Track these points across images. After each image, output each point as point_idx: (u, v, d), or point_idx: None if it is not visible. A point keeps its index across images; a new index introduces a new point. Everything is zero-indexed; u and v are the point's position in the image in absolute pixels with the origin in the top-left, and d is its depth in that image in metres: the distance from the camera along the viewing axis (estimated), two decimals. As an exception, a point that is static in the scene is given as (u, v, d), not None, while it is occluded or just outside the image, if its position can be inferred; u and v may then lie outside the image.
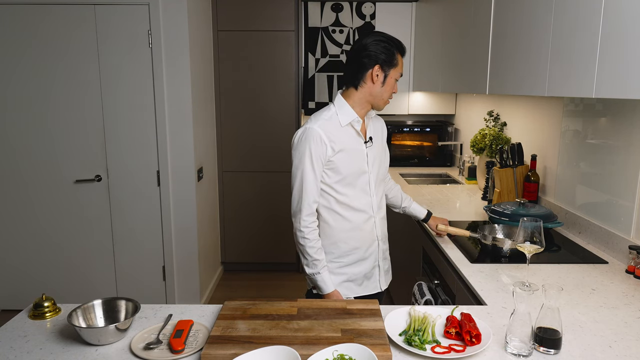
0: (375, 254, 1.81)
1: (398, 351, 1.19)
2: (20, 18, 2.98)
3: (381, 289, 1.86)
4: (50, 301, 1.41)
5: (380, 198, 1.83)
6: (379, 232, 1.81)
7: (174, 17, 3.02)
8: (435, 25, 3.39)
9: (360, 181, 1.72)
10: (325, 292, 1.69)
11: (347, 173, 1.68)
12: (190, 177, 3.23)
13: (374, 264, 1.82)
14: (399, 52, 1.69)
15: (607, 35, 1.40)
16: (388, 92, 1.70)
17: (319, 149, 1.63)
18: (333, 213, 1.71)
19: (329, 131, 1.65)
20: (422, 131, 4.07)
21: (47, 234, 3.23)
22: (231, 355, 1.14)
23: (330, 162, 1.66)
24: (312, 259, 1.67)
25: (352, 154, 1.69)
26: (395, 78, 1.70)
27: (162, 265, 3.29)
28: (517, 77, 2.00)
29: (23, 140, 3.13)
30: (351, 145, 1.69)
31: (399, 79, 1.73)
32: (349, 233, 1.74)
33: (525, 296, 1.16)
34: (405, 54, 1.73)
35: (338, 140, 1.66)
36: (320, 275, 1.68)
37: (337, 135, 1.66)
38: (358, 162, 1.71)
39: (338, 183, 1.68)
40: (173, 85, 3.10)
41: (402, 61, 1.71)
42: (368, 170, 1.73)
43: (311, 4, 3.99)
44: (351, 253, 1.76)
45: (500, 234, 1.96)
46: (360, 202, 1.73)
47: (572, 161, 2.22)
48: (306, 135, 1.64)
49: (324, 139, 1.63)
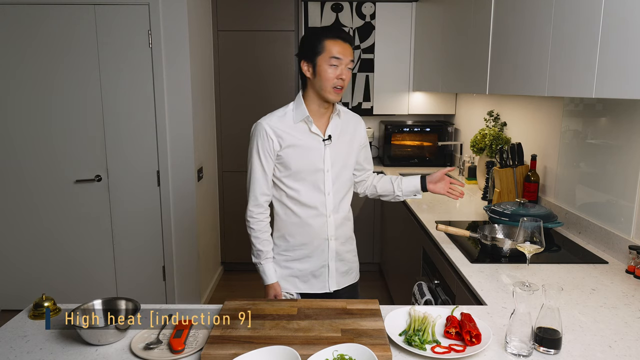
0: (325, 253, 1.78)
1: (398, 351, 1.19)
2: (20, 18, 2.98)
3: (329, 290, 1.81)
4: (50, 301, 1.41)
5: (342, 198, 1.79)
6: (331, 232, 1.76)
7: (174, 17, 3.02)
8: (435, 25, 3.39)
9: (313, 178, 1.72)
10: (266, 282, 1.75)
11: (296, 169, 1.70)
12: (190, 177, 3.23)
13: (322, 264, 1.79)
14: (328, 37, 1.63)
15: (607, 35, 1.40)
16: (327, 81, 1.63)
17: (265, 143, 1.68)
18: (283, 206, 1.76)
19: (277, 127, 1.69)
20: (422, 131, 4.07)
21: (47, 234, 3.23)
22: (231, 355, 1.14)
23: (279, 157, 1.70)
24: (256, 249, 1.74)
25: (303, 151, 1.69)
26: (328, 64, 1.62)
27: (162, 265, 3.29)
28: (517, 77, 2.00)
29: (23, 140, 3.12)
30: (303, 142, 1.70)
31: (340, 64, 1.63)
32: (297, 228, 1.75)
33: (525, 296, 1.16)
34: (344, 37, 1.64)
35: (287, 136, 1.68)
36: (262, 266, 1.74)
37: (287, 131, 1.69)
38: (311, 159, 1.70)
39: (287, 178, 1.72)
40: (173, 85, 3.10)
41: (335, 45, 1.62)
42: (324, 168, 1.72)
43: (311, 4, 3.99)
44: (298, 248, 1.77)
45: (500, 234, 1.96)
46: (310, 199, 1.73)
47: (572, 161, 2.22)
48: (255, 130, 1.71)
49: (270, 134, 1.68)
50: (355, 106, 4.15)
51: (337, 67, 1.63)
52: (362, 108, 4.15)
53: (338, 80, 1.64)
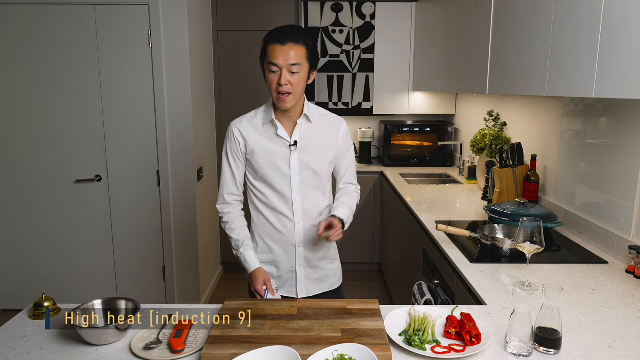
0: (293, 259, 1.74)
1: (398, 351, 1.19)
2: (20, 18, 2.98)
3: (297, 296, 1.77)
4: (50, 301, 1.41)
5: (314, 205, 1.73)
6: (299, 239, 1.72)
7: (174, 17, 3.02)
8: (435, 25, 3.39)
9: (279, 183, 1.68)
10: (249, 270, 1.69)
11: (262, 173, 1.69)
12: (190, 177, 3.23)
13: (289, 269, 1.75)
14: (267, 41, 1.60)
15: (607, 35, 1.40)
16: (270, 87, 1.60)
17: (233, 145, 1.71)
18: (255, 209, 1.77)
19: (245, 129, 1.69)
20: (422, 131, 4.07)
21: (47, 234, 3.23)
22: (231, 355, 1.14)
23: (247, 160, 1.72)
24: (233, 240, 1.73)
25: (268, 155, 1.67)
26: (269, 70, 1.58)
27: (162, 265, 3.29)
28: (517, 77, 2.00)
29: (23, 140, 3.12)
30: (268, 147, 1.67)
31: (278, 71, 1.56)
32: (267, 232, 1.75)
33: (525, 296, 1.16)
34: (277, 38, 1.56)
35: (252, 140, 1.68)
36: (242, 255, 1.70)
37: (253, 134, 1.68)
38: (276, 163, 1.67)
39: (256, 181, 1.73)
40: (173, 86, 3.10)
41: (272, 48, 1.56)
42: (290, 174, 1.67)
43: (311, 4, 3.99)
44: (266, 252, 1.76)
45: (500, 234, 1.96)
46: (278, 204, 1.70)
47: (572, 161, 2.22)
48: (227, 131, 1.74)
49: (237, 136, 1.69)
50: (355, 106, 4.15)
51: (276, 73, 1.57)
52: (362, 108, 4.16)
53: (278, 86, 1.57)
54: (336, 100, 4.14)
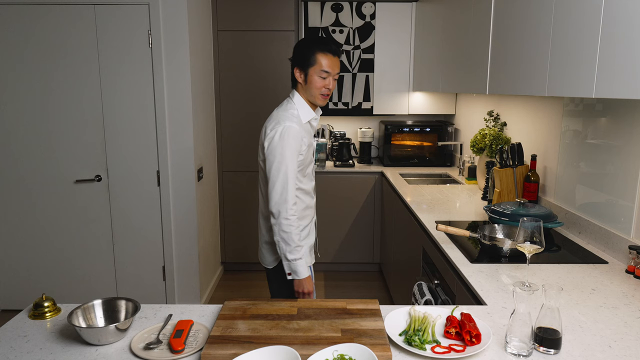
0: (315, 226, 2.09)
1: (398, 351, 1.19)
2: (20, 18, 2.98)
3: (319, 256, 2.14)
4: (50, 301, 1.41)
5: None
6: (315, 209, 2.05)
7: (174, 17, 3.02)
8: (435, 25, 3.39)
9: (310, 169, 1.95)
10: (303, 276, 1.83)
11: (305, 163, 1.89)
12: (190, 177, 3.23)
13: (315, 235, 2.08)
14: (319, 51, 1.82)
15: (607, 35, 1.40)
16: (315, 89, 1.85)
17: (298, 144, 1.81)
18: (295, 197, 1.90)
19: (301, 128, 1.84)
20: (422, 131, 4.07)
21: (47, 234, 3.23)
22: (231, 355, 1.14)
23: (300, 155, 1.83)
24: (296, 245, 1.81)
25: (311, 148, 1.93)
26: (318, 76, 1.83)
27: (162, 265, 3.29)
28: (517, 77, 2.00)
29: (23, 140, 3.13)
30: (310, 140, 1.91)
31: (328, 77, 1.84)
32: (303, 212, 1.95)
33: (525, 296, 1.16)
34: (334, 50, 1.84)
35: (306, 137, 1.86)
36: (302, 260, 1.82)
37: (303, 130, 1.86)
38: (310, 153, 1.93)
39: (299, 172, 1.87)
40: (173, 85, 3.10)
41: (325, 58, 1.82)
42: (313, 159, 1.98)
43: (311, 4, 3.99)
44: (305, 227, 1.98)
45: (500, 234, 1.96)
46: (308, 186, 1.96)
47: (572, 161, 2.22)
48: (288, 132, 1.79)
49: (302, 135, 1.83)
50: (355, 106, 4.15)
51: (325, 79, 1.85)
52: (362, 108, 4.16)
53: (325, 89, 1.86)
54: (336, 100, 4.14)
